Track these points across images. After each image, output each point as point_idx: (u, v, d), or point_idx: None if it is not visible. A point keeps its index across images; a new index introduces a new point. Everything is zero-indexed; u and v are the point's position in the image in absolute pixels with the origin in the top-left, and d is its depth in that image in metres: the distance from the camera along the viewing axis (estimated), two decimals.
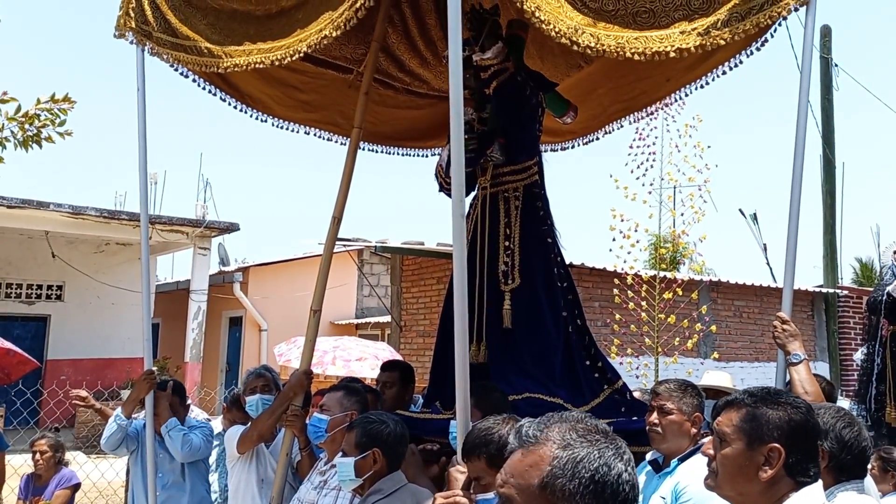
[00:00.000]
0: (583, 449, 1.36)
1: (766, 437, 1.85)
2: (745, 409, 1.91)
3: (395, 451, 2.86)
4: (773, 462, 1.84)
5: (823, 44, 12.54)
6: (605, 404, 3.89)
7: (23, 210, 12.45)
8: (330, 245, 4.09)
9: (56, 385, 10.41)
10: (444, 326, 4.32)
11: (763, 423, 1.87)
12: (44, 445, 5.14)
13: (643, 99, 4.71)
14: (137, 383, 4.19)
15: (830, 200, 12.57)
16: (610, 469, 1.34)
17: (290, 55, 3.34)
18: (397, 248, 11.70)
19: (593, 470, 1.33)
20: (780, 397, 1.93)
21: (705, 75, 4.01)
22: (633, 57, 2.80)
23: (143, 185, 4.19)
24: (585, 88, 4.82)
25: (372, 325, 16.46)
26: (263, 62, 3.42)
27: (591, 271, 9.95)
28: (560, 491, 1.33)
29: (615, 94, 4.79)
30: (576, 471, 1.33)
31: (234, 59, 3.49)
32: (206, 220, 14.36)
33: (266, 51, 3.42)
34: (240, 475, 3.92)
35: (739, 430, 1.89)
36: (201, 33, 3.62)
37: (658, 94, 4.58)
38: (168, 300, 16.73)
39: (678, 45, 2.74)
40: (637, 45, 2.79)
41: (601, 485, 1.32)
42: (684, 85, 4.29)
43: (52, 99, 4.69)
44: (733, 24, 2.67)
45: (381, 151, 5.35)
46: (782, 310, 2.96)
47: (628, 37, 2.80)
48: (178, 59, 3.72)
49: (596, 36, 2.81)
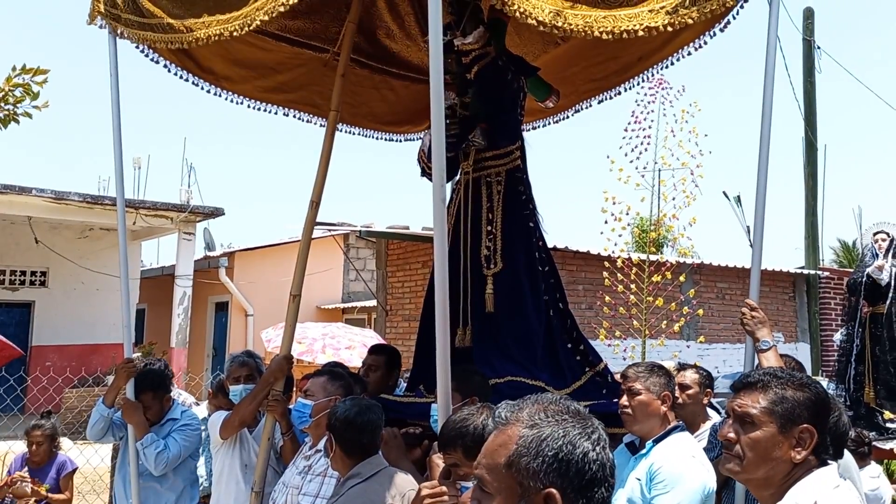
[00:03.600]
0: (548, 428, 1.37)
1: (798, 419, 1.85)
2: (771, 391, 1.89)
3: (344, 437, 2.82)
4: (805, 443, 1.84)
5: (806, 26, 12.57)
6: (587, 387, 3.93)
7: (4, 195, 12.34)
8: (308, 230, 4.06)
9: (40, 371, 10.36)
10: (427, 310, 4.34)
11: (793, 404, 1.86)
12: (39, 435, 5.08)
13: (615, 78, 4.74)
14: (117, 372, 4.11)
15: (812, 182, 12.65)
16: (574, 448, 1.34)
17: (248, 24, 3.25)
18: (382, 232, 11.70)
19: (556, 448, 1.34)
20: (797, 378, 1.93)
21: (672, 55, 4.06)
22: (601, 36, 2.81)
23: (118, 171, 4.13)
24: (559, 66, 4.82)
25: (358, 310, 16.47)
26: (222, 34, 3.34)
27: (576, 254, 10.00)
28: (524, 469, 1.34)
29: (588, 72, 4.81)
30: (539, 449, 1.34)
31: (194, 32, 3.43)
32: (190, 204, 14.27)
33: (224, 21, 3.34)
34: (223, 460, 3.92)
35: (770, 413, 1.87)
36: (164, 9, 3.56)
37: (629, 73, 4.61)
38: (153, 285, 16.66)
39: (647, 24, 2.77)
40: (605, 24, 2.81)
41: (565, 463, 1.33)
42: (655, 64, 4.32)
43: (23, 70, 4.60)
44: (700, 2, 2.72)
45: (361, 135, 5.32)
46: (750, 296, 3.00)
47: (596, 16, 2.81)
48: (145, 40, 3.68)
49: (563, 15, 2.81)
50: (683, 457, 2.76)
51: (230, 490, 3.87)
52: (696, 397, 3.69)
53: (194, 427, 4.31)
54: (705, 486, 2.71)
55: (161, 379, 4.36)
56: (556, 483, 1.32)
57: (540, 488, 1.32)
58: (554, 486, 1.32)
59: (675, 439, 2.86)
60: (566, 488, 1.32)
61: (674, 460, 2.74)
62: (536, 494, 1.32)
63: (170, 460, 4.09)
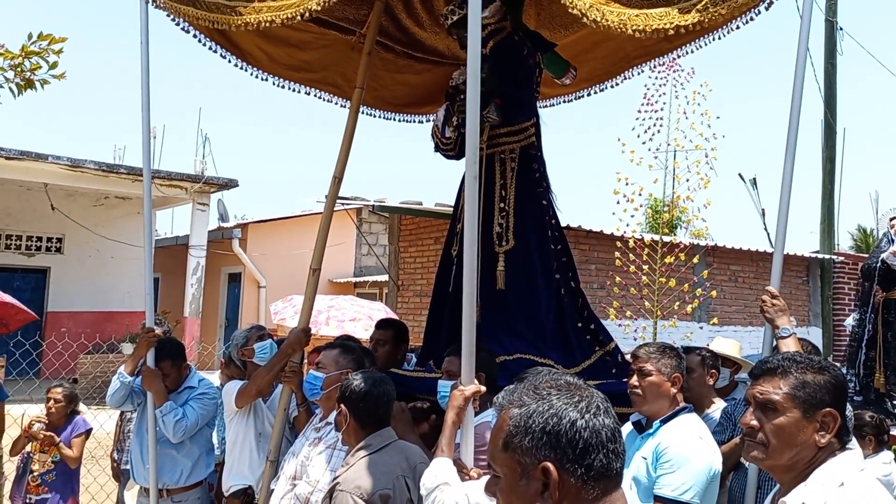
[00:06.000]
0: (533, 404, 1.40)
1: (821, 403, 1.85)
2: (791, 376, 1.89)
3: (360, 408, 2.86)
4: (829, 426, 1.84)
5: (829, 6, 12.37)
6: (596, 366, 3.94)
7: (21, 161, 12.42)
8: (331, 205, 4.09)
9: (55, 337, 10.49)
10: (438, 286, 4.35)
11: (815, 388, 1.86)
12: (59, 394, 5.20)
13: (637, 60, 4.68)
14: (139, 341, 4.17)
15: (830, 166, 12.53)
16: (560, 419, 1.36)
17: (301, 14, 3.30)
18: (395, 207, 11.71)
19: (543, 422, 1.36)
20: (815, 361, 1.94)
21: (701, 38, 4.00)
22: (634, 34, 2.86)
23: (145, 141, 4.13)
24: (577, 50, 4.78)
25: (370, 284, 16.52)
26: (274, 21, 3.36)
27: (589, 234, 9.97)
28: (518, 448, 1.37)
29: (612, 55, 4.75)
30: (528, 426, 1.37)
31: (243, 16, 3.42)
32: (205, 175, 14.32)
33: (276, 9, 3.36)
34: (237, 429, 3.98)
35: (793, 398, 1.87)
36: None
37: (652, 55, 4.56)
38: (167, 255, 16.78)
39: (677, 23, 2.80)
40: (638, 21, 2.84)
41: (553, 435, 1.35)
42: (680, 46, 4.27)
43: (39, 37, 4.60)
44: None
45: (380, 116, 5.31)
46: (771, 284, 2.98)
47: (630, 14, 2.86)
48: (184, 15, 3.62)
49: (601, 11, 2.87)
50: (690, 437, 2.77)
51: (244, 458, 3.93)
52: (700, 379, 3.70)
53: (211, 395, 4.38)
54: (711, 467, 2.72)
55: (179, 347, 4.44)
56: (550, 456, 1.34)
57: (536, 463, 1.35)
58: (548, 459, 1.34)
59: (682, 420, 2.87)
60: (561, 459, 1.34)
61: (681, 441, 2.75)
62: (534, 470, 1.35)
63: (188, 428, 4.16)
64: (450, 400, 2.63)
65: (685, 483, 2.66)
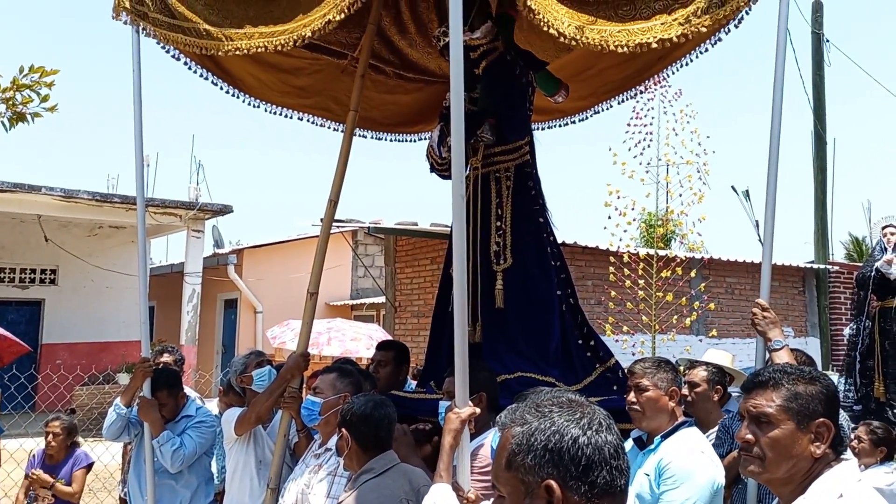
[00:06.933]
0: (535, 422, 1.39)
1: (815, 413, 1.84)
2: (783, 388, 1.88)
3: (361, 431, 2.83)
4: (823, 437, 1.84)
5: (815, 19, 12.51)
6: (598, 382, 3.93)
7: (14, 194, 12.38)
8: (327, 228, 4.08)
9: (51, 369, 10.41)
10: (439, 307, 4.34)
11: (808, 399, 1.85)
12: (57, 427, 5.16)
13: (636, 78, 4.70)
14: (135, 372, 4.14)
15: (821, 176, 12.60)
16: (562, 436, 1.35)
17: (294, 41, 3.27)
18: (391, 228, 11.70)
19: (545, 440, 1.36)
20: (805, 372, 1.93)
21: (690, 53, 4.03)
22: (616, 49, 2.85)
23: (139, 169, 4.14)
24: (576, 69, 4.81)
25: (367, 307, 16.48)
26: (266, 47, 3.33)
27: (584, 250, 9.99)
28: (521, 467, 1.37)
29: (606, 75, 4.78)
30: (530, 445, 1.37)
31: (234, 42, 3.39)
32: (199, 202, 14.31)
33: (268, 35, 3.34)
34: (237, 457, 3.94)
35: (786, 410, 1.86)
36: (199, 14, 3.51)
37: (649, 72, 4.58)
38: (162, 283, 16.72)
39: (660, 36, 2.80)
40: (620, 37, 2.84)
41: (556, 453, 1.35)
42: (675, 61, 4.29)
43: (31, 70, 4.60)
44: (713, 10, 2.73)
45: (372, 137, 5.33)
46: (761, 296, 2.99)
47: (611, 30, 2.85)
48: (174, 42, 3.61)
49: (584, 31, 2.85)
50: (692, 452, 2.75)
51: (244, 486, 3.88)
52: (706, 394, 3.68)
53: (209, 424, 4.34)
54: (714, 481, 2.70)
55: (176, 377, 4.40)
56: (553, 474, 1.34)
57: (539, 482, 1.34)
58: (551, 476, 1.33)
59: (683, 434, 2.85)
60: (565, 477, 1.33)
61: (682, 456, 2.73)
62: (538, 488, 1.34)
63: (186, 457, 4.11)
64: (445, 423, 2.61)
65: (689, 498, 2.64)
